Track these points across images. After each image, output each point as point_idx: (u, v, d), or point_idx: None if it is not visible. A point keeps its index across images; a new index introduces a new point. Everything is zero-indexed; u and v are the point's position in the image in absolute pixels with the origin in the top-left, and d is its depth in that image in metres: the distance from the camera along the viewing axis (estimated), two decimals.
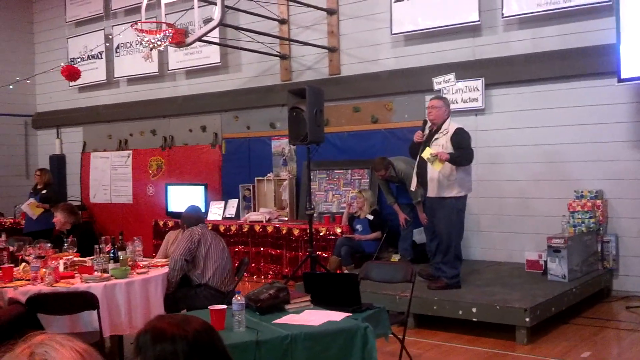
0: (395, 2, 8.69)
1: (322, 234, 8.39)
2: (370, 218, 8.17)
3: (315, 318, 3.70)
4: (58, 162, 13.01)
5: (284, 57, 9.88)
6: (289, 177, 9.58)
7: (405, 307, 4.97)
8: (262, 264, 9.06)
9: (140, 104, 11.73)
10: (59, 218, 6.26)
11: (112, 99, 12.27)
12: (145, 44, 7.13)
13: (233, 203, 10.00)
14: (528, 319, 5.54)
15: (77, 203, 11.93)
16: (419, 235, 7.82)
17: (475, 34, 8.23)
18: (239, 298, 3.50)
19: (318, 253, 7.96)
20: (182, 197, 10.21)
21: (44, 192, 9.86)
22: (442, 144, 6.24)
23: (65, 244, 5.69)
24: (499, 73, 7.99)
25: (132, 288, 4.85)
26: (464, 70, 8.03)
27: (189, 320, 1.78)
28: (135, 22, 7.40)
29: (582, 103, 7.51)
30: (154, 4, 8.53)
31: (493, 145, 8.07)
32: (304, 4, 9.25)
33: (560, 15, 7.57)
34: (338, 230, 8.31)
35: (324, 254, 8.25)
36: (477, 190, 7.48)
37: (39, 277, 4.76)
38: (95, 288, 4.60)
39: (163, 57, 11.08)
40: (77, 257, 5.46)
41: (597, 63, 7.32)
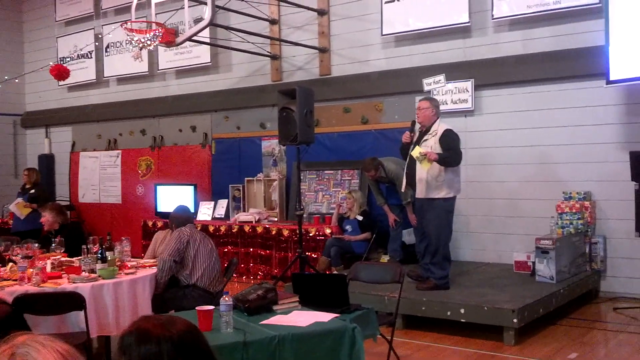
0: (386, 3, 8.70)
1: (311, 235, 8.39)
2: (360, 219, 8.17)
3: (303, 319, 3.69)
4: (47, 161, 12.95)
5: (275, 57, 9.87)
6: (279, 177, 9.57)
7: (394, 307, 4.97)
8: (251, 265, 9.04)
9: (130, 104, 11.69)
10: (47, 218, 6.23)
11: (101, 99, 12.22)
12: (135, 44, 7.11)
13: (223, 203, 9.98)
14: (516, 320, 5.55)
15: (65, 203, 11.88)
16: (409, 236, 7.84)
17: (466, 35, 8.26)
18: (227, 299, 3.49)
19: (308, 254, 7.97)
20: (171, 197, 10.18)
21: (32, 191, 9.81)
22: (430, 145, 6.24)
23: (53, 244, 5.66)
24: (489, 74, 8.02)
25: (119, 288, 4.82)
26: (454, 72, 8.05)
27: (174, 321, 1.78)
28: (125, 21, 7.39)
29: (571, 104, 7.55)
30: (144, 4, 8.51)
31: (483, 147, 8.10)
32: (295, 5, 9.25)
33: (550, 17, 7.61)
34: (328, 231, 8.31)
35: (314, 255, 8.25)
36: (466, 192, 7.50)
37: (26, 277, 4.74)
38: (83, 288, 4.58)
39: (153, 56, 11.06)
40: (64, 257, 5.44)
41: (586, 65, 7.36)
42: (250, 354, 3.28)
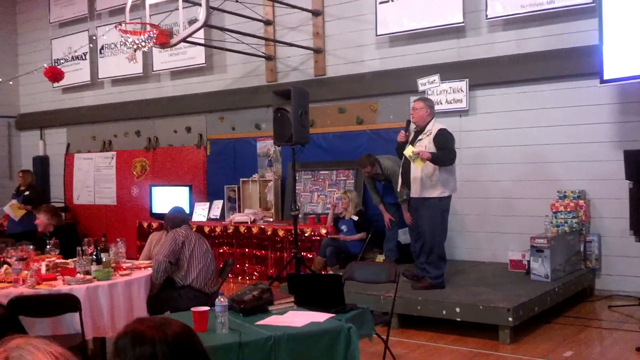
0: (380, 3, 8.71)
1: (307, 235, 8.39)
2: (355, 219, 8.18)
3: (299, 319, 3.70)
4: (41, 163, 12.91)
5: (270, 58, 9.87)
6: (274, 178, 9.57)
7: (390, 307, 4.98)
8: (247, 265, 9.04)
9: (125, 105, 11.66)
10: (42, 220, 6.22)
11: (96, 100, 12.20)
12: (130, 45, 7.09)
13: (218, 204, 9.97)
14: (511, 319, 5.57)
15: (60, 204, 11.85)
16: (404, 236, 7.84)
17: (460, 35, 8.27)
18: (222, 299, 3.49)
19: (303, 254, 7.97)
20: (166, 198, 10.16)
21: (27, 193, 9.79)
22: (425, 145, 6.25)
23: (48, 246, 5.65)
24: (483, 74, 8.03)
25: (114, 290, 4.82)
26: (449, 72, 8.06)
27: (169, 323, 1.78)
28: (120, 23, 7.36)
29: (565, 104, 7.57)
30: (139, 5, 8.50)
31: (477, 146, 8.11)
32: (290, 5, 9.25)
33: (544, 17, 7.63)
34: (323, 231, 8.32)
35: (309, 255, 8.25)
36: (461, 191, 7.52)
37: (21, 279, 4.73)
38: (78, 290, 4.57)
39: (147, 58, 11.04)
40: (59, 259, 5.42)
41: (580, 64, 7.38)
42: (246, 355, 3.28)
